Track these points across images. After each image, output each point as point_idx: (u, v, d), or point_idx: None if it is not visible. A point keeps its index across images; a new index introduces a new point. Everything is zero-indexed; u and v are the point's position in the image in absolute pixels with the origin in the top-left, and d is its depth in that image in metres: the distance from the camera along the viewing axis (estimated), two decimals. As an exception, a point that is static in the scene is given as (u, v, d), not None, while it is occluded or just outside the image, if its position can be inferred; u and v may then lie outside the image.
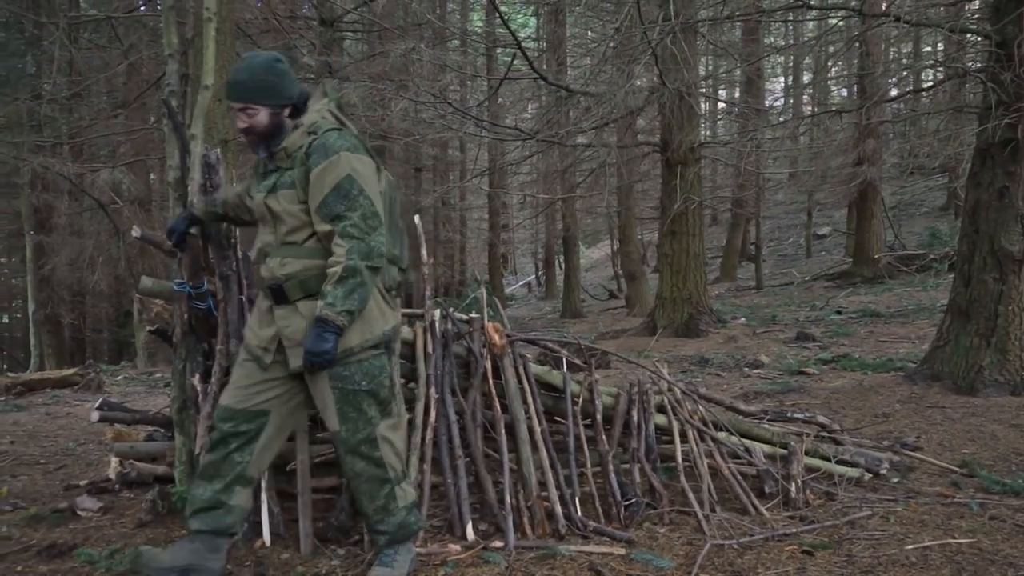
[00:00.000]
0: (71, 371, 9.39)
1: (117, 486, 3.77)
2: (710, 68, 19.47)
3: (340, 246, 2.56)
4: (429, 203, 19.57)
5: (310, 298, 2.64)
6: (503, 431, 3.54)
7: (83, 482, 4.00)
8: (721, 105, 26.61)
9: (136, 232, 3.39)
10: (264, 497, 3.22)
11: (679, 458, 3.78)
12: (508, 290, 30.78)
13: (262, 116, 2.68)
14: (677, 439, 3.83)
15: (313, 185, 2.59)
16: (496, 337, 3.69)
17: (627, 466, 3.77)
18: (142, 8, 13.18)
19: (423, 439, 3.44)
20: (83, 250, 15.01)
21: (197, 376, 3.42)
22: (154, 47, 11.79)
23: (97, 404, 3.78)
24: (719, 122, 30.63)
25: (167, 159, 3.74)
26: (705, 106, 22.89)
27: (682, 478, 3.67)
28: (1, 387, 8.53)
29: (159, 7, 12.50)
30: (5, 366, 19.24)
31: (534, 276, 35.08)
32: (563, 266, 22.88)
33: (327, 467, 3.69)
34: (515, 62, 10.90)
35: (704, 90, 19.63)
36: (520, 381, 3.68)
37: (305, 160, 2.62)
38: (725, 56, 17.30)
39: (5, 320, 22.67)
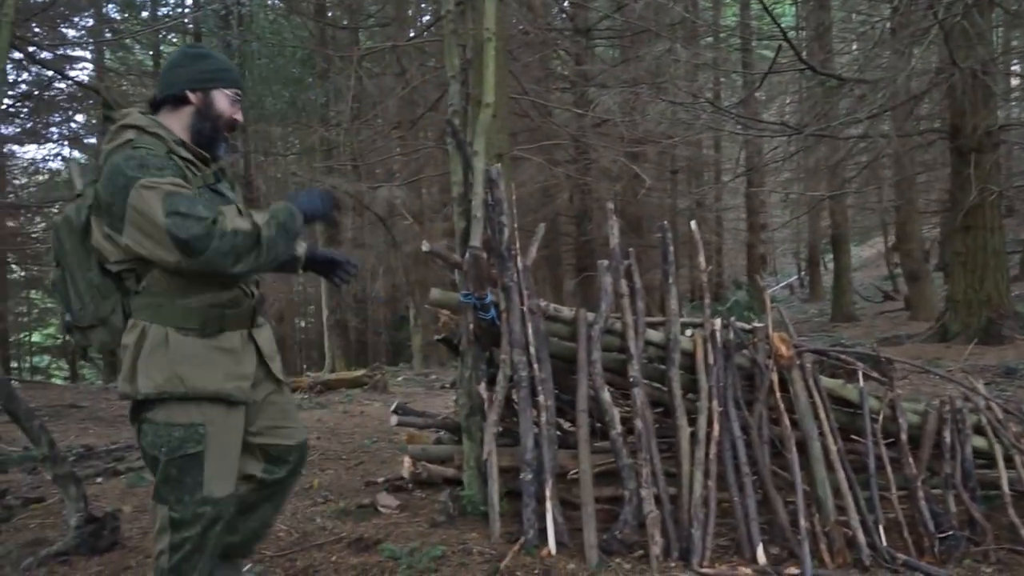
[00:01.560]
0: (361, 372, 10.31)
1: (411, 485, 4.02)
2: (1001, 40, 17.26)
3: None
4: (685, 206, 19.20)
5: None
6: (794, 448, 3.30)
7: (380, 479, 4.30)
8: (1015, 82, 23.48)
9: (426, 247, 3.58)
10: (549, 506, 3.25)
11: (1005, 487, 3.30)
12: (769, 292, 29.35)
13: None
14: (1002, 465, 3.35)
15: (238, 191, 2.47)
16: (783, 347, 3.45)
17: (937, 492, 3.36)
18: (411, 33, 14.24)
19: (707, 454, 3.30)
20: (365, 261, 16.45)
21: (483, 384, 3.55)
22: (425, 71, 12.63)
23: (393, 408, 4.04)
24: (1014, 102, 27.05)
25: (451, 176, 3.94)
26: (1000, 84, 20.32)
27: (1010, 510, 3.21)
28: (305, 386, 9.56)
29: (428, 35, 13.40)
30: (304, 365, 21.62)
31: (796, 277, 33.24)
32: (829, 266, 21.42)
33: (607, 476, 3.66)
34: (776, 54, 10.34)
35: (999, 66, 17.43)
36: (810, 395, 3.42)
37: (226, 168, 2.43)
38: (1022, 26, 15.24)
39: (303, 324, 25.50)
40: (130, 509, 4.01)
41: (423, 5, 16.63)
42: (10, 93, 14.14)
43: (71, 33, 17.15)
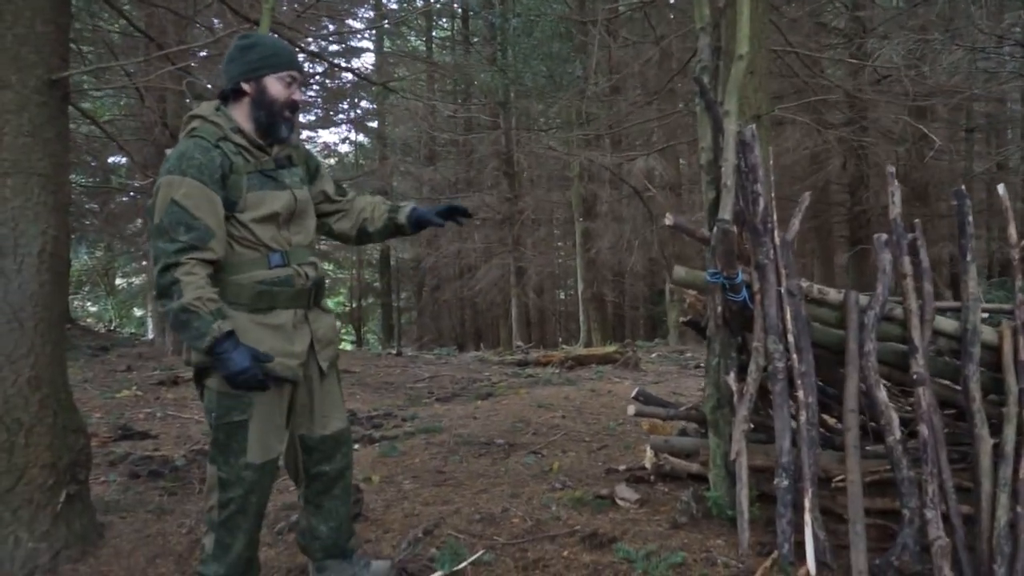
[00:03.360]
0: (612, 348, 10.14)
1: (652, 477, 3.73)
2: None
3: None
4: (982, 169, 16.86)
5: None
6: None
7: (621, 467, 4.06)
8: None
9: (669, 220, 3.25)
10: (808, 517, 2.81)
11: None
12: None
13: None
14: None
15: (325, 174, 2.67)
16: None
17: None
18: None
19: (1016, 472, 2.68)
20: (622, 234, 16.26)
21: (732, 374, 3.17)
22: (682, 30, 12.06)
23: (634, 394, 3.78)
24: None
25: (699, 140, 3.56)
26: None
27: None
28: (556, 361, 9.57)
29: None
30: (560, 338, 22.00)
31: None
32: None
33: (880, 486, 3.14)
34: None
35: None
36: None
37: (305, 154, 2.61)
38: None
39: (562, 296, 25.96)
40: (378, 479, 4.13)
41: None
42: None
43: (356, 24, 18.56)
